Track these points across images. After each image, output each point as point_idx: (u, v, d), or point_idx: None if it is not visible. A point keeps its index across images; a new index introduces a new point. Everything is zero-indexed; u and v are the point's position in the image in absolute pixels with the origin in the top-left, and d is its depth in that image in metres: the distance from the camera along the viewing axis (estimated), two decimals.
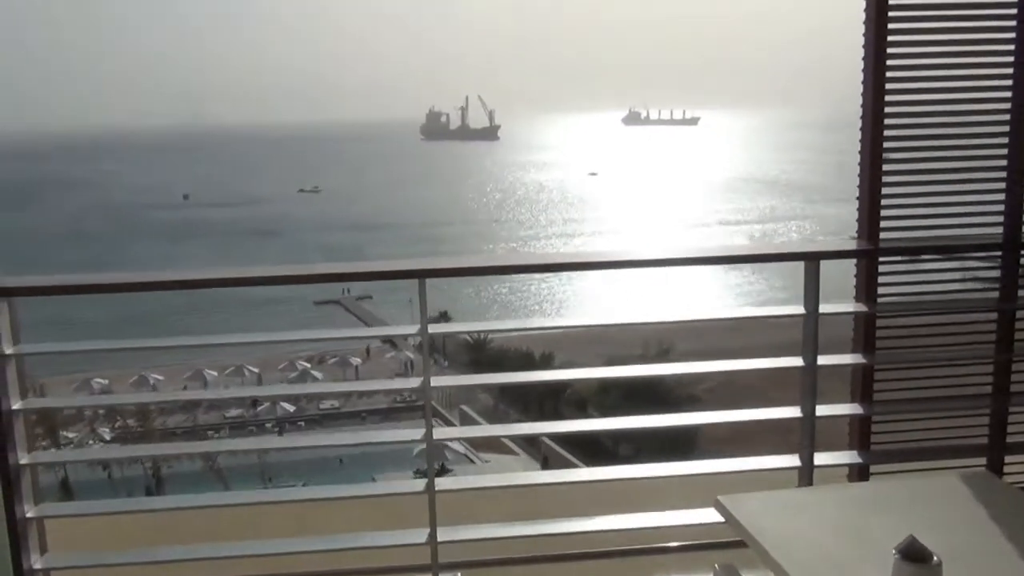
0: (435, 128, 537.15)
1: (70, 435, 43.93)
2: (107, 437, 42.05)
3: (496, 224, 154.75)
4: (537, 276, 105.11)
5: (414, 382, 3.51)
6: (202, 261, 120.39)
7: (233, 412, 52.33)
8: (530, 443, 44.77)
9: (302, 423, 50.66)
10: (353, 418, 52.22)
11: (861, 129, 3.56)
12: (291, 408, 51.07)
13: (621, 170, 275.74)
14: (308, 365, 58.27)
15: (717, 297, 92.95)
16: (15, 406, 3.27)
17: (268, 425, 49.13)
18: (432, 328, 3.44)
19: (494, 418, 50.51)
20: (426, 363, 3.54)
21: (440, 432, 3.51)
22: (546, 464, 40.04)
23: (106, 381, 54.50)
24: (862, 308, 3.49)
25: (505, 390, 56.56)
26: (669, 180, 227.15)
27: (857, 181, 3.95)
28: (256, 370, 57.84)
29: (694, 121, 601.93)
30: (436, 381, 3.43)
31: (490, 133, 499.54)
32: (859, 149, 3.72)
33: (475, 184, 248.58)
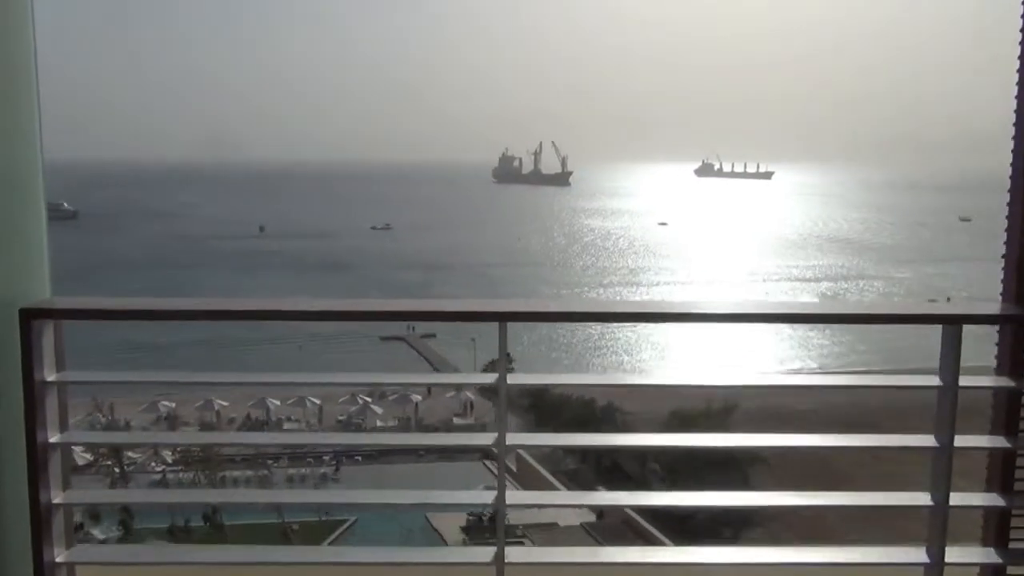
0: (507, 171, 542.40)
1: (134, 456, 44.65)
2: (168, 460, 42.60)
3: (560, 268, 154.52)
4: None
5: (487, 438, 3.09)
6: (274, 291, 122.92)
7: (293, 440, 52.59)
8: (582, 488, 43.92)
9: (359, 457, 50.56)
10: (410, 454, 51.94)
11: (1011, 180, 3.14)
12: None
13: (691, 221, 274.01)
14: (369, 399, 58.45)
15: (780, 350, 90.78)
16: (52, 439, 3.02)
17: (325, 457, 49.16)
18: (512, 379, 3.06)
19: (550, 463, 49.69)
20: (502, 418, 3.14)
21: (514, 497, 3.08)
22: (601, 515, 39.07)
23: (172, 405, 55.53)
24: (1007, 383, 3.04)
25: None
26: (739, 233, 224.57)
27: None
28: (318, 401, 58.23)
29: (768, 175, 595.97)
30: (512, 439, 3.02)
31: (562, 179, 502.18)
32: (1007, 202, 3.30)
33: (542, 228, 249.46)
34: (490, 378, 3.11)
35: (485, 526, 37.27)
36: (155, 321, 3.41)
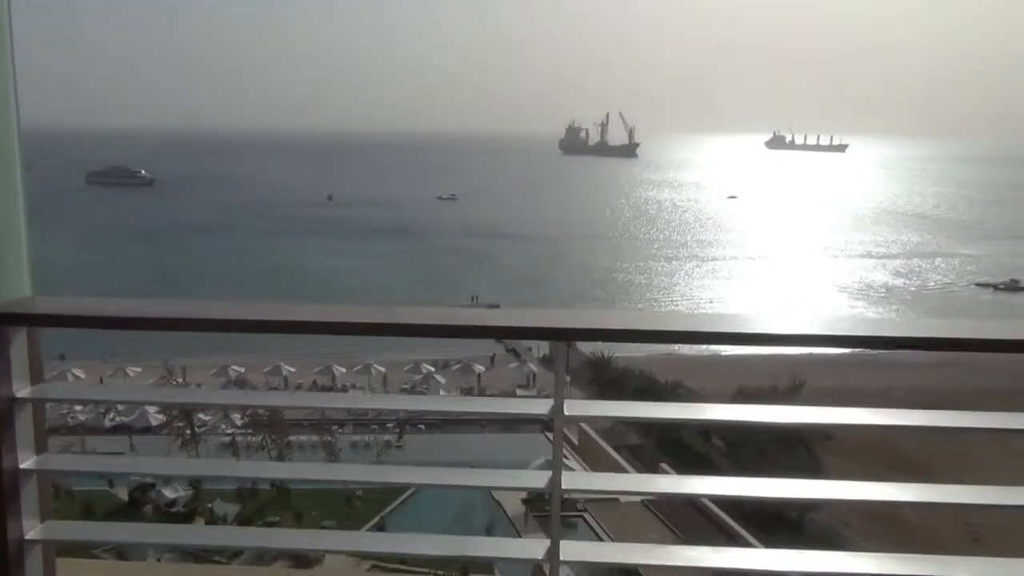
0: (574, 143, 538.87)
1: (205, 418, 45.78)
2: (238, 423, 43.57)
3: (624, 240, 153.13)
4: (662, 287, 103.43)
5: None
6: (342, 257, 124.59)
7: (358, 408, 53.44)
8: (649, 468, 43.49)
9: (422, 426, 51.05)
10: (473, 425, 52.25)
11: None
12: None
13: (762, 194, 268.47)
14: (432, 368, 58.90)
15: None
16: (24, 464, 2.51)
17: (389, 425, 49.74)
18: (570, 408, 2.65)
19: (612, 437, 49.39)
20: (558, 455, 2.78)
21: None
22: None
23: (242, 370, 56.80)
24: None
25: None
26: (812, 208, 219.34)
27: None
28: (383, 369, 58.88)
29: (842, 148, 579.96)
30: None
31: (629, 150, 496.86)
32: None
33: (608, 200, 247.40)
34: (544, 407, 2.72)
35: (547, 499, 37.04)
36: (155, 331, 2.87)
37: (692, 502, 35.88)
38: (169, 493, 35.83)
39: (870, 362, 72.47)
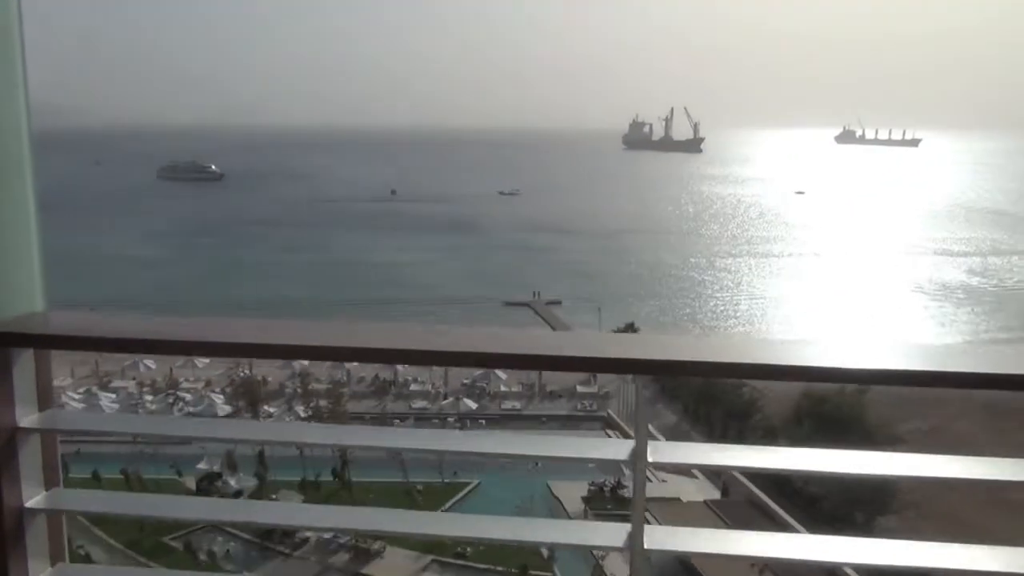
0: (637, 138, 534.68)
1: (271, 410, 46.57)
2: (301, 415, 44.16)
3: (687, 236, 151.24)
4: (727, 293, 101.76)
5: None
6: (406, 251, 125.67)
7: (419, 404, 53.73)
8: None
9: (483, 421, 51.14)
10: (533, 421, 52.19)
11: None
12: (474, 405, 51.71)
13: (830, 190, 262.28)
14: None
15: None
16: (30, 503, 2.25)
17: (450, 420, 49.97)
18: (654, 453, 2.31)
19: (675, 436, 48.80)
20: (640, 498, 2.43)
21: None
22: (726, 493, 38.05)
23: (307, 362, 57.53)
24: None
25: (689, 409, 54.73)
26: (883, 204, 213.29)
27: None
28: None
29: (915, 142, 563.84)
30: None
31: (693, 145, 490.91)
32: None
33: (671, 195, 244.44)
34: (624, 451, 2.39)
35: (607, 496, 37.02)
36: (173, 355, 2.57)
37: (756, 504, 35.21)
38: (234, 483, 36.50)
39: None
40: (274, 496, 34.48)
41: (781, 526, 33.08)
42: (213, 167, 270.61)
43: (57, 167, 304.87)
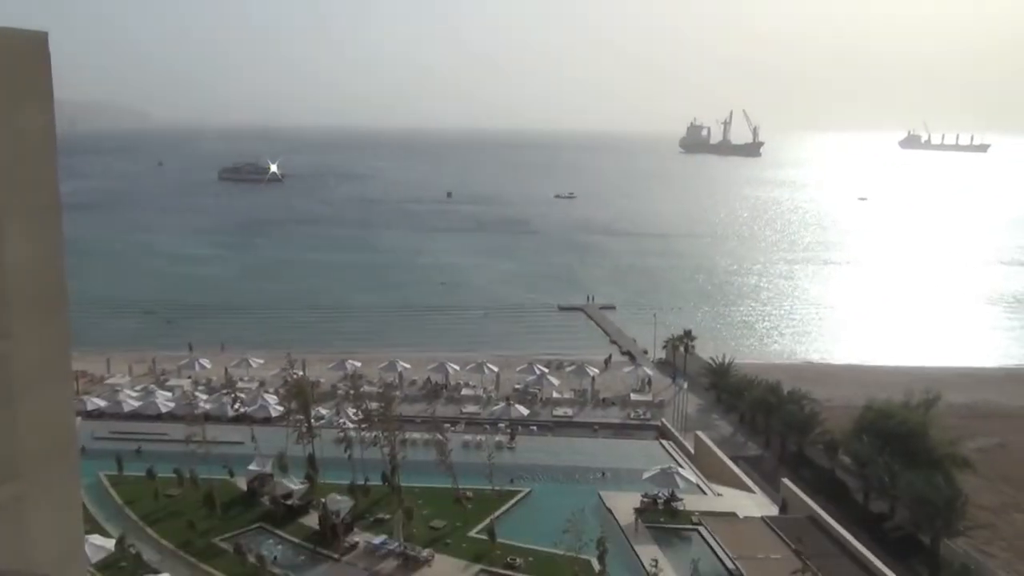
0: (695, 141, 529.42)
1: (323, 411, 46.53)
2: (352, 416, 43.96)
3: (744, 241, 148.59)
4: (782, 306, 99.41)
5: None
6: (464, 252, 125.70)
7: (470, 408, 53.24)
8: (769, 482, 41.55)
9: (534, 427, 50.44)
10: (585, 428, 51.31)
11: None
12: (525, 411, 51.01)
13: (893, 196, 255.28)
14: (546, 369, 58.15)
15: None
16: None
17: (501, 425, 49.34)
18: None
19: (730, 447, 47.51)
20: None
21: None
22: (784, 509, 36.79)
23: (359, 364, 57.61)
24: None
25: (745, 419, 53.25)
26: (949, 211, 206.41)
27: None
28: (495, 369, 58.57)
29: (983, 148, 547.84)
30: None
31: (752, 149, 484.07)
32: None
33: (727, 200, 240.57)
34: None
35: (660, 509, 35.93)
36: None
37: (816, 522, 33.96)
38: (286, 486, 36.37)
39: (1013, 377, 67.48)
40: (323, 500, 34.30)
41: (842, 546, 31.75)
42: (274, 168, 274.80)
43: (121, 168, 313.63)
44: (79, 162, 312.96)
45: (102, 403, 50.35)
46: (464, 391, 56.61)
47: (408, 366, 59.52)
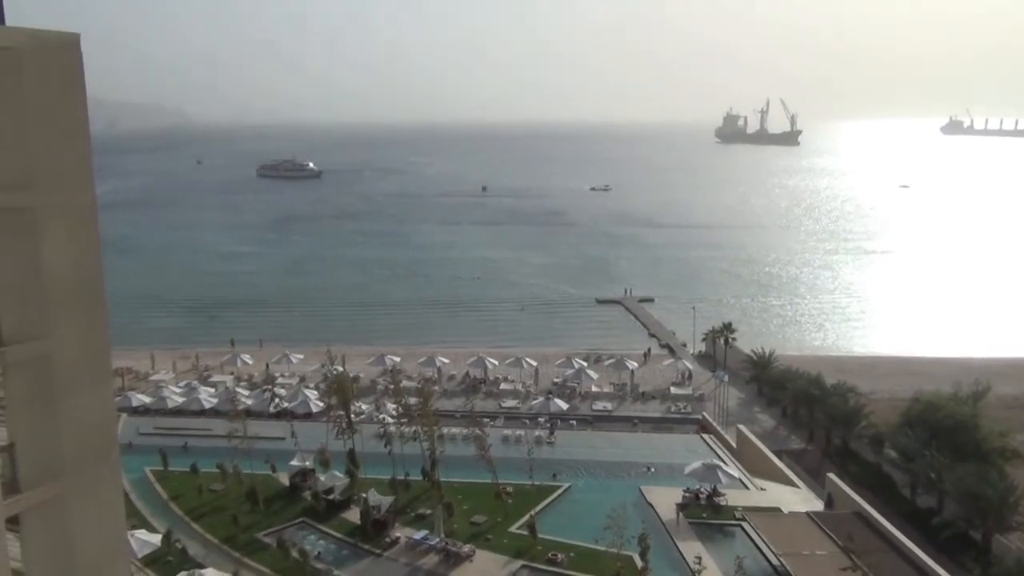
0: (731, 131, 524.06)
1: (363, 407, 46.63)
2: (391, 411, 44.00)
3: (783, 232, 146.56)
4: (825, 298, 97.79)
5: None
6: (502, 246, 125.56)
7: (509, 403, 53.09)
8: (814, 477, 40.90)
9: (573, 422, 50.16)
10: (625, 422, 50.92)
11: None
12: (564, 405, 50.74)
13: (936, 183, 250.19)
14: (584, 363, 57.84)
15: None
16: None
17: (540, 420, 49.13)
18: None
19: (772, 440, 46.86)
20: None
21: None
22: (830, 504, 36.14)
23: (398, 359, 57.78)
24: None
25: (788, 412, 52.40)
26: (994, 199, 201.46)
27: None
28: (534, 363, 58.42)
29: None
30: None
31: (790, 138, 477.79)
32: None
33: (765, 189, 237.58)
34: None
35: (702, 504, 35.50)
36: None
37: (863, 517, 33.33)
38: (327, 481, 36.54)
39: None
40: (364, 495, 34.37)
41: (889, 542, 31.10)
42: (311, 164, 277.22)
43: (158, 167, 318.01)
44: (121, 161, 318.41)
45: (147, 399, 51.02)
46: (503, 386, 56.48)
47: (447, 361, 59.54)
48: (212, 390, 53.02)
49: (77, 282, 12.79)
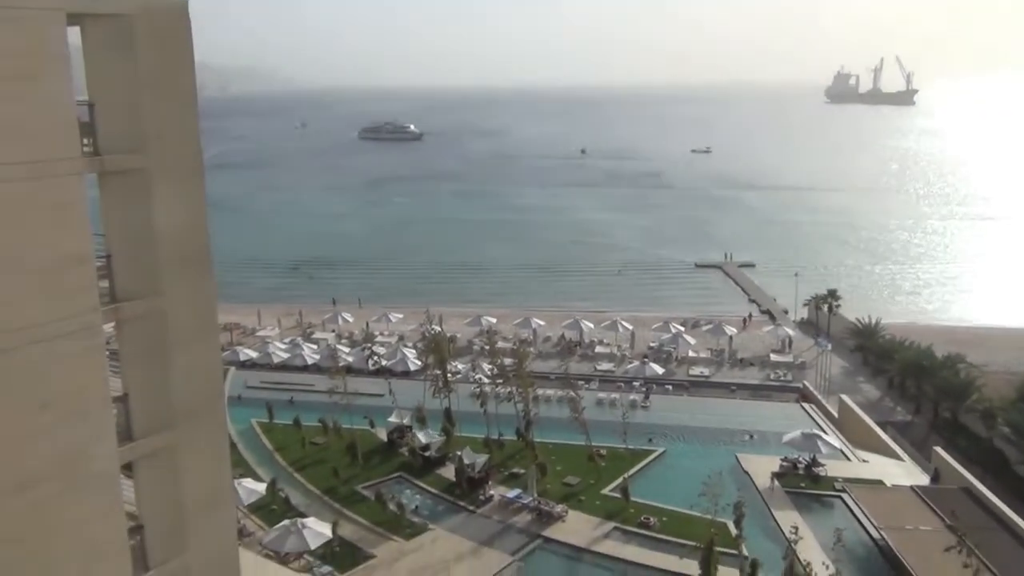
0: (842, 91, 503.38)
1: (459, 366, 47.30)
2: (488, 373, 44.47)
3: (891, 195, 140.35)
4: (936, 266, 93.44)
5: None
6: (604, 208, 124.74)
7: (604, 366, 52.98)
8: (920, 451, 39.49)
9: (669, 387, 49.70)
10: (722, 389, 50.17)
11: None
12: (660, 370, 50.27)
13: None
14: (681, 328, 57.15)
15: None
16: None
17: (636, 384, 48.88)
18: None
19: (876, 412, 45.40)
20: None
21: None
22: (936, 479, 34.86)
23: (494, 320, 58.39)
24: None
25: (894, 383, 50.54)
26: None
27: None
28: (630, 327, 58.05)
29: None
30: None
31: (905, 98, 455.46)
32: None
33: (875, 151, 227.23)
34: None
35: (800, 474, 34.74)
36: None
37: (971, 493, 32.06)
38: (423, 438, 37.35)
39: None
40: (459, 452, 34.98)
41: (999, 519, 29.82)
42: (412, 127, 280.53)
43: (265, 130, 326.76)
44: (231, 124, 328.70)
45: (254, 354, 53.08)
46: (598, 349, 56.36)
47: (542, 323, 59.71)
48: (315, 347, 54.72)
49: (186, 241, 13.30)
